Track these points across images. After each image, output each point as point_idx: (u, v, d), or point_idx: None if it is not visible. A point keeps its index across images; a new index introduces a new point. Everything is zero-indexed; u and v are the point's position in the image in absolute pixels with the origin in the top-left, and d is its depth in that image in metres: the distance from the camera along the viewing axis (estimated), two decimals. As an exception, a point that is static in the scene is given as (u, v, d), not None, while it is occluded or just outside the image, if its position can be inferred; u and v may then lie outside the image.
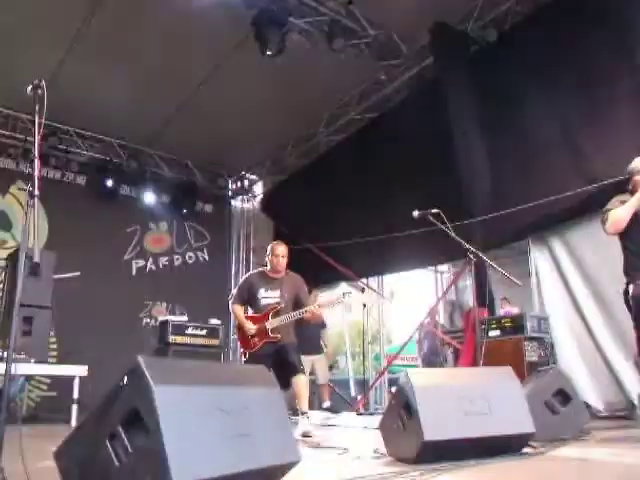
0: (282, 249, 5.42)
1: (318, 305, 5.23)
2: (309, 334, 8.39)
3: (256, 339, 5.20)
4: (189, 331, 8.07)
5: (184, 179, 10.94)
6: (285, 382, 5.14)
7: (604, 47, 6.05)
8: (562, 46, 6.38)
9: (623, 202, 4.27)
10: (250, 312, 5.47)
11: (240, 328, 5.36)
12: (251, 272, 6.03)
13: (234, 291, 5.68)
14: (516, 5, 7.00)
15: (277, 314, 5.19)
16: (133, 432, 1.97)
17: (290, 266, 5.50)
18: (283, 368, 5.05)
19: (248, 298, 5.44)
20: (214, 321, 8.57)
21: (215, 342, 8.29)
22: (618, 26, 5.99)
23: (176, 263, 11.00)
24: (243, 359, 5.35)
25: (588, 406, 5.46)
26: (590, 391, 6.09)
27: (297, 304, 5.29)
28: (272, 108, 8.60)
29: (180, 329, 8.00)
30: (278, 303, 5.24)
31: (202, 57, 7.54)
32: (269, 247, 5.51)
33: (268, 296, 5.31)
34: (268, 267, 5.45)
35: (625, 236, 4.31)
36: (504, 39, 7.06)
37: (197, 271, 11.12)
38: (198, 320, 8.38)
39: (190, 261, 11.19)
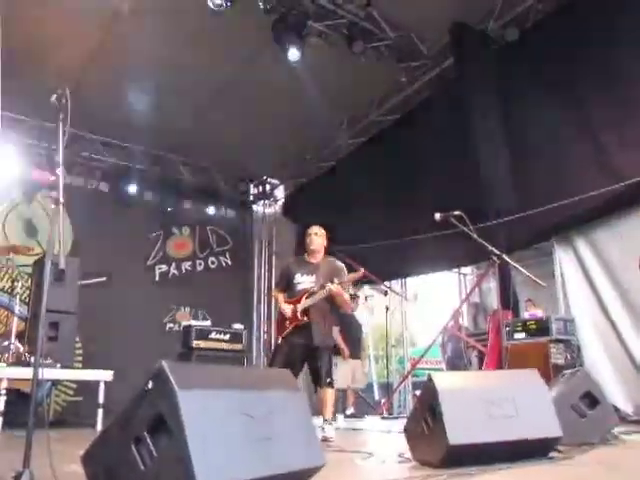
0: (316, 227, 5.41)
1: (338, 283, 5.03)
2: (350, 337, 8.43)
3: (287, 322, 5.16)
4: (212, 336, 8.12)
5: (206, 184, 11.01)
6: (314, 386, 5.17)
7: (629, 42, 5.97)
8: (584, 43, 6.30)
9: None
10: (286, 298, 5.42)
11: (279, 314, 5.33)
12: (290, 258, 6.08)
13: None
14: (538, 3, 6.94)
15: (310, 297, 5.11)
16: (158, 436, 1.97)
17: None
18: (313, 372, 5.10)
19: (287, 284, 5.37)
20: (237, 326, 8.61)
21: (238, 347, 8.33)
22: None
23: (198, 268, 11.06)
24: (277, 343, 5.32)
25: (617, 409, 5.36)
26: (618, 394, 5.99)
27: None
28: (292, 112, 8.62)
29: (203, 334, 8.06)
30: (312, 287, 5.15)
31: (224, 61, 7.56)
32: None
33: (303, 281, 5.23)
34: (306, 252, 5.42)
35: None
36: (525, 38, 6.99)
37: (219, 276, 11.18)
38: (221, 325, 8.43)
39: (212, 266, 11.25)
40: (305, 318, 5.06)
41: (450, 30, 7.22)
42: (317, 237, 5.34)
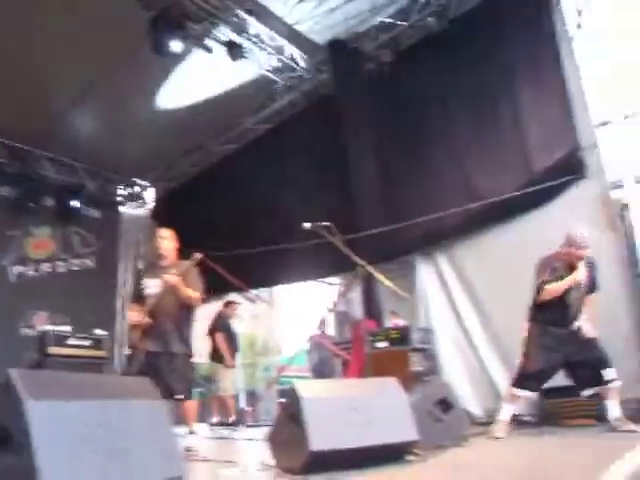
0: (163, 230, 5.14)
1: (172, 273, 4.71)
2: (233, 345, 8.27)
3: (136, 329, 4.80)
4: (71, 342, 7.66)
5: (71, 182, 10.41)
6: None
7: (489, 76, 6.44)
8: (450, 72, 6.71)
9: (553, 269, 4.63)
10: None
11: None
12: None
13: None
14: (409, 29, 7.30)
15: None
16: (2, 452, 1.83)
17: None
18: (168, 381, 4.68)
19: (138, 290, 5.03)
20: (99, 332, 8.19)
21: (99, 354, 7.91)
22: (501, 56, 6.41)
23: (59, 270, 10.41)
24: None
25: (468, 413, 5.70)
26: (470, 399, 6.38)
27: None
28: (166, 114, 8.41)
29: (61, 340, 7.57)
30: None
31: (96, 56, 7.20)
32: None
33: (151, 285, 4.91)
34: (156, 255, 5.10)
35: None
36: (398, 60, 7.33)
37: (82, 279, 10.56)
38: (82, 330, 7.98)
39: (75, 268, 10.62)
40: (152, 321, 4.74)
41: (328, 46, 7.40)
42: (164, 241, 5.07)
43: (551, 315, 4.71)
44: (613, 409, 4.50)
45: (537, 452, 3.82)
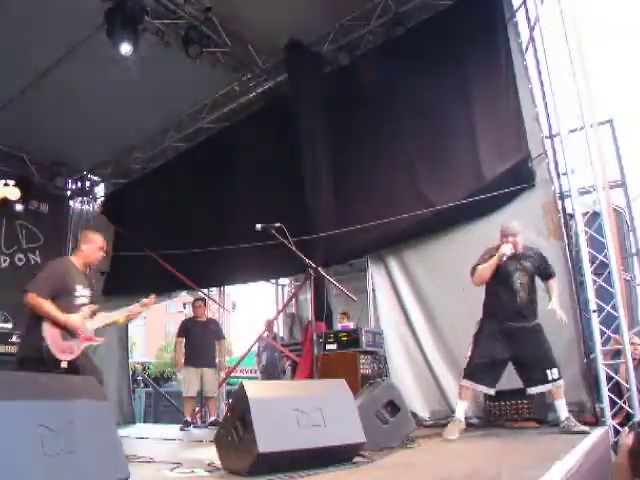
0: (99, 236, 4.77)
1: (143, 304, 4.63)
2: (204, 344, 8.10)
3: (76, 343, 4.32)
4: (13, 339, 7.42)
5: (17, 174, 10.06)
6: None
7: (443, 84, 6.56)
8: (405, 79, 6.79)
9: (491, 256, 4.81)
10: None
11: (55, 326, 4.25)
12: (59, 259, 4.83)
13: (38, 280, 4.42)
14: (369, 34, 7.37)
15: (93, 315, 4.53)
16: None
17: (130, 272, 5.15)
18: None
19: (58, 293, 4.37)
20: (43, 329, 7.94)
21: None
22: (455, 66, 6.54)
23: (3, 265, 10.06)
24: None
25: (415, 415, 5.78)
26: (417, 401, 6.46)
27: None
28: (120, 108, 8.23)
29: (3, 337, 7.34)
30: (92, 303, 4.56)
31: (48, 44, 6.98)
32: (90, 236, 4.77)
33: (84, 294, 4.51)
34: (81, 259, 4.66)
35: (486, 285, 4.94)
36: (356, 64, 7.39)
37: (27, 275, 10.21)
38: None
39: (20, 263, 10.27)
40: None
41: (286, 47, 7.39)
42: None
43: (499, 306, 4.84)
44: (561, 409, 4.62)
45: (481, 453, 3.90)
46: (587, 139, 5.51)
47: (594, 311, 5.23)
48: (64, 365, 4.23)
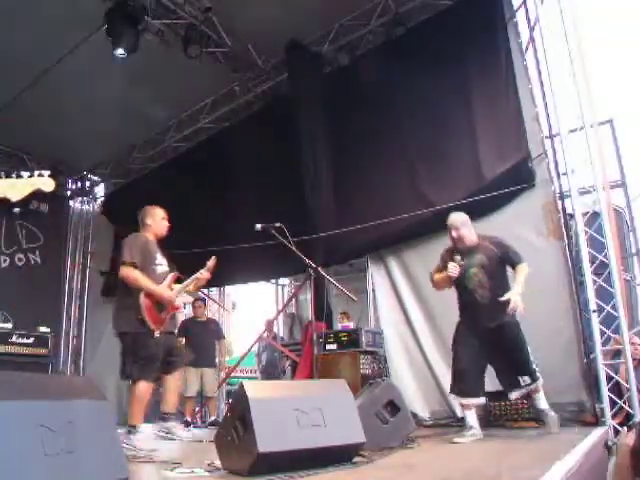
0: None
1: (208, 268, 4.94)
2: (204, 344, 8.11)
3: (162, 311, 4.60)
4: (13, 339, 7.43)
5: (17, 174, 10.05)
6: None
7: (444, 85, 6.56)
8: (405, 79, 6.79)
9: (445, 262, 4.70)
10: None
11: (150, 299, 4.53)
12: (134, 234, 4.92)
13: (126, 255, 4.59)
14: (369, 34, 7.38)
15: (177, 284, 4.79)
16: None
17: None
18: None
19: (143, 262, 4.64)
20: (43, 329, 7.97)
21: (43, 352, 7.71)
22: (455, 66, 6.54)
23: (3, 265, 10.06)
24: (146, 339, 4.46)
25: (415, 416, 5.78)
26: (417, 401, 6.46)
27: None
28: (120, 108, 8.23)
29: (2, 337, 7.35)
30: (167, 272, 4.80)
31: (48, 44, 6.98)
32: (151, 209, 5.07)
33: (162, 263, 4.80)
34: (152, 232, 4.93)
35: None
36: (356, 64, 7.39)
37: (27, 275, 10.23)
38: (26, 327, 7.74)
39: (19, 263, 10.27)
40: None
41: (286, 47, 7.39)
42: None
43: (466, 311, 4.70)
44: (540, 401, 4.55)
45: (482, 453, 3.90)
46: (587, 139, 5.51)
47: (594, 311, 5.22)
48: (157, 335, 4.50)
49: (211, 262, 4.97)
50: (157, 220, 5.00)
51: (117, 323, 4.67)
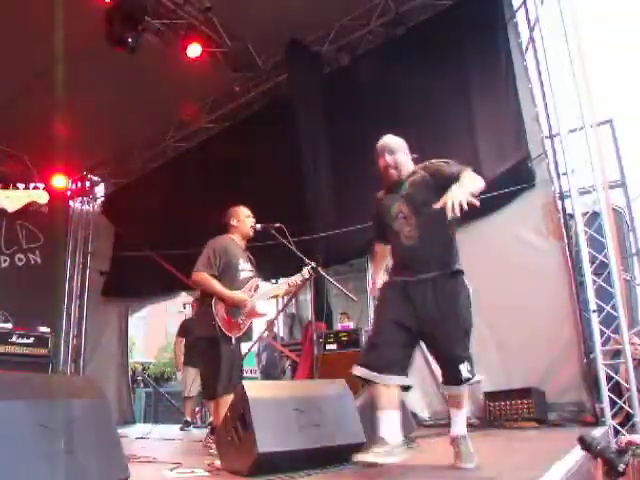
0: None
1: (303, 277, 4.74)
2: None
3: (241, 319, 4.48)
4: (13, 339, 7.42)
5: (17, 174, 10.05)
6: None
7: (443, 85, 6.55)
8: (404, 79, 6.78)
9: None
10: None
11: (223, 302, 4.39)
12: (219, 237, 4.82)
13: (203, 259, 4.56)
14: (369, 34, 7.38)
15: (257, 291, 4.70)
16: None
17: (130, 272, 5.17)
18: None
19: (224, 269, 4.52)
20: (43, 329, 7.96)
21: (43, 352, 7.70)
22: (455, 66, 6.54)
23: (3, 265, 10.07)
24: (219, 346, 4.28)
25: (415, 416, 5.77)
26: (418, 401, 6.45)
27: None
28: (120, 108, 8.22)
29: (2, 337, 7.34)
30: (252, 277, 4.67)
31: (48, 44, 6.96)
32: (235, 210, 4.91)
33: (245, 268, 4.65)
34: (238, 233, 4.82)
35: None
36: (356, 64, 7.39)
37: (27, 275, 10.23)
38: (25, 327, 7.74)
39: (19, 263, 10.27)
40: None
41: (286, 47, 7.39)
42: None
43: (392, 260, 3.51)
44: (458, 423, 3.34)
45: (481, 453, 3.90)
46: (587, 139, 5.51)
47: (594, 311, 5.22)
48: (233, 342, 4.42)
49: (306, 272, 4.73)
50: (242, 219, 4.87)
51: (197, 329, 4.74)
